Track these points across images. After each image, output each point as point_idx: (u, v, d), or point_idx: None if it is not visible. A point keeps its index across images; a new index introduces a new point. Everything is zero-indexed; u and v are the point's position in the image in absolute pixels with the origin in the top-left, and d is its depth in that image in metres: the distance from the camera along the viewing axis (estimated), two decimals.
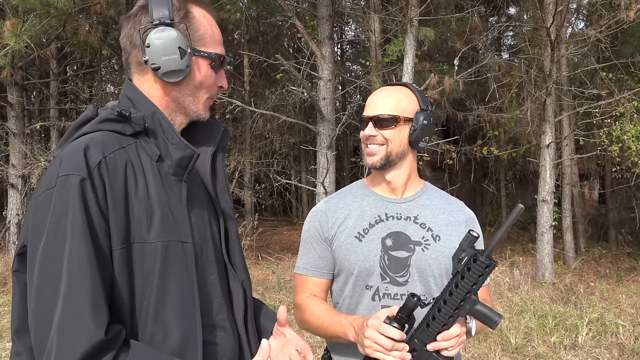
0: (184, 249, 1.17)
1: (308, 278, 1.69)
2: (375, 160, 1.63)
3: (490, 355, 4.82)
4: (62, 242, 1.04)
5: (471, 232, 1.34)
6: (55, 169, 1.10)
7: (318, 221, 1.69)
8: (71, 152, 1.11)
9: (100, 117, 1.20)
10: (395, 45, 8.23)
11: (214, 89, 1.30)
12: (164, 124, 1.21)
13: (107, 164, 1.11)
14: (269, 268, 8.80)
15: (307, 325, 1.66)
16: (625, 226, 12.87)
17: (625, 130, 8.60)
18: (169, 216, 1.16)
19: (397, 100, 1.63)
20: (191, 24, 1.23)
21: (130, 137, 1.19)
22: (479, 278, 1.31)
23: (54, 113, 12.13)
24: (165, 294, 1.13)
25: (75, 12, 8.73)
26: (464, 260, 1.33)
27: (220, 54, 1.28)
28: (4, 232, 10.08)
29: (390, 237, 1.60)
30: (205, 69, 1.26)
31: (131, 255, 1.11)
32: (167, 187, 1.19)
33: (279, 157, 13.79)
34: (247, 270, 1.38)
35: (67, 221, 1.04)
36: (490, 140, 10.79)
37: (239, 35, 13.56)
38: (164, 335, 1.13)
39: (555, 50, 8.20)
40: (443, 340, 1.36)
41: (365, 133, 1.63)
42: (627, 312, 6.17)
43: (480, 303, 1.35)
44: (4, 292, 7.30)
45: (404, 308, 1.37)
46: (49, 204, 1.06)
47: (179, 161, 1.20)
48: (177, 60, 1.19)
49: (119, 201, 1.10)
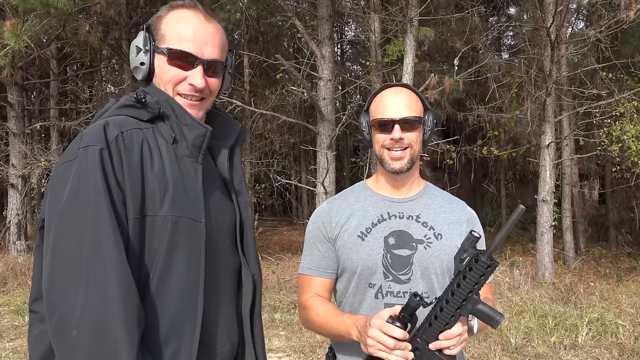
0: (196, 227, 1.19)
1: (312, 278, 1.69)
2: (403, 165, 1.61)
3: (490, 355, 4.82)
4: (83, 207, 1.08)
5: (473, 232, 1.35)
6: (77, 143, 1.15)
7: (321, 222, 1.69)
8: (91, 129, 1.18)
9: (119, 103, 1.27)
10: (395, 45, 8.23)
11: (179, 85, 1.28)
12: (176, 108, 1.27)
13: (124, 138, 1.16)
14: (269, 268, 8.80)
15: (312, 325, 1.67)
16: (625, 226, 12.88)
17: (625, 130, 8.61)
18: (182, 193, 1.19)
19: (414, 101, 1.62)
20: (158, 25, 1.29)
21: (147, 122, 1.24)
22: (481, 278, 1.31)
23: (54, 113, 12.14)
24: (170, 267, 1.16)
25: (75, 12, 8.73)
26: (466, 261, 1.33)
27: (176, 49, 1.26)
28: (4, 232, 10.08)
29: (392, 236, 1.61)
30: (162, 64, 1.29)
31: (144, 226, 1.14)
32: (182, 168, 1.23)
33: (279, 157, 13.81)
34: (259, 264, 1.39)
35: (90, 187, 1.09)
36: (490, 140, 10.80)
37: (239, 35, 13.56)
38: (163, 308, 1.15)
39: (555, 50, 8.20)
40: (445, 339, 1.37)
41: (393, 136, 1.58)
42: (627, 312, 6.17)
43: (482, 302, 1.35)
44: (4, 292, 7.31)
45: (407, 307, 1.37)
46: (68, 174, 1.11)
47: (193, 141, 1.24)
48: (133, 58, 1.30)
49: (135, 173, 1.15)
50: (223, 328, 1.27)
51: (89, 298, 1.03)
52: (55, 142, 12.03)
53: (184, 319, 1.17)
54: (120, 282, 1.05)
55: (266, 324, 5.82)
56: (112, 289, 1.04)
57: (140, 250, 1.14)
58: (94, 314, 1.03)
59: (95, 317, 1.03)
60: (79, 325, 1.02)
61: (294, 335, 5.44)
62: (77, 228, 1.07)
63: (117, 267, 1.06)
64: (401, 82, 1.82)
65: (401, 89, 1.65)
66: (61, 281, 1.05)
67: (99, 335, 1.03)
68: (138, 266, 1.13)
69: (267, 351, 5.00)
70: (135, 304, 1.07)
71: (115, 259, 1.06)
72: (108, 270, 1.05)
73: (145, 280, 1.14)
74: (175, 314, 1.16)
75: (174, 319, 1.16)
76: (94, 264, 1.05)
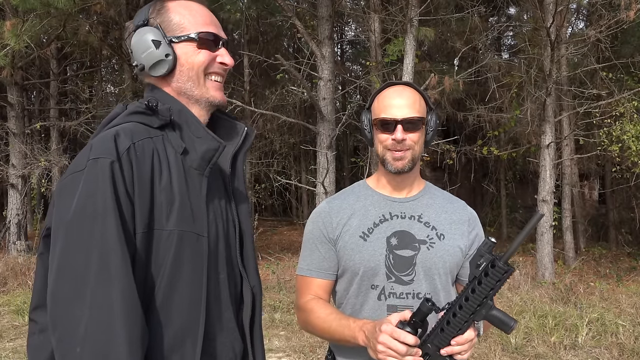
0: (199, 242, 1.19)
1: (312, 280, 1.66)
2: (404, 164, 1.59)
3: (490, 355, 4.82)
4: (91, 221, 1.06)
5: (490, 238, 1.33)
6: (86, 153, 1.14)
7: (322, 222, 1.66)
8: (101, 138, 1.15)
9: (129, 110, 1.25)
10: (395, 45, 8.23)
11: (212, 66, 1.31)
12: (189, 119, 1.26)
13: (135, 149, 1.15)
14: (269, 268, 8.80)
15: (312, 328, 1.64)
16: (625, 226, 12.88)
17: (625, 130, 8.61)
18: (188, 207, 1.19)
19: (418, 101, 1.60)
20: (164, 16, 1.28)
21: (157, 129, 1.23)
22: (497, 284, 1.29)
23: (54, 113, 12.14)
24: (175, 282, 1.16)
25: (75, 12, 8.73)
26: (482, 266, 1.31)
27: (205, 32, 1.29)
28: (4, 232, 10.08)
29: (395, 236, 1.59)
30: (192, 50, 1.28)
31: (152, 240, 1.14)
32: (189, 180, 1.22)
33: (279, 157, 13.80)
34: (258, 276, 1.38)
35: (98, 200, 1.07)
36: (490, 140, 10.80)
37: (239, 35, 13.56)
38: (166, 323, 1.15)
39: (555, 50, 8.20)
40: (457, 345, 1.36)
41: (395, 137, 1.56)
42: (627, 312, 6.17)
43: (495, 308, 1.34)
44: (4, 292, 7.30)
45: (418, 313, 1.36)
46: (76, 186, 1.10)
47: (203, 154, 1.23)
48: (153, 52, 1.25)
49: (145, 186, 1.14)
50: (225, 339, 1.27)
51: (94, 316, 1.03)
52: (55, 142, 12.02)
53: (187, 332, 1.17)
54: (126, 302, 1.05)
55: (266, 324, 5.82)
56: (117, 308, 1.04)
57: (147, 263, 1.14)
58: (99, 332, 1.03)
59: (100, 336, 1.03)
60: (83, 342, 1.02)
61: (294, 335, 5.44)
62: (85, 243, 1.06)
63: (123, 287, 1.05)
64: (401, 80, 1.76)
65: (405, 88, 1.62)
66: (66, 297, 1.05)
67: (102, 355, 1.03)
68: (144, 279, 1.13)
69: (267, 351, 5.01)
70: (140, 325, 1.07)
71: (122, 278, 1.05)
72: (114, 289, 1.04)
73: (150, 294, 1.14)
74: (178, 327, 1.16)
75: (178, 332, 1.16)
76: (100, 282, 1.04)
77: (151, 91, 1.31)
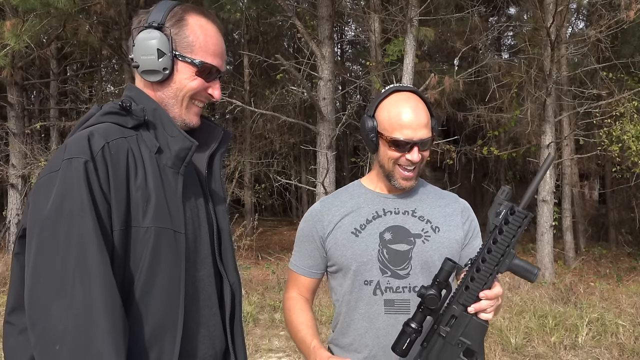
0: (176, 238, 1.20)
1: (298, 275, 1.74)
2: (412, 184, 1.62)
3: (490, 355, 4.82)
4: (68, 220, 1.07)
5: (506, 185, 1.34)
6: (60, 154, 1.15)
7: (312, 220, 1.70)
8: (76, 139, 1.17)
9: (104, 110, 1.26)
10: (395, 45, 8.23)
11: (200, 95, 1.33)
12: (164, 119, 1.27)
13: (109, 149, 1.16)
14: (269, 268, 8.80)
15: (288, 327, 1.74)
16: (625, 226, 12.87)
17: (625, 130, 8.61)
18: (164, 205, 1.20)
19: (427, 115, 1.59)
20: (180, 30, 1.28)
21: (131, 129, 1.24)
22: (518, 230, 1.29)
23: (54, 113, 12.13)
24: (153, 278, 1.17)
25: (75, 12, 8.72)
26: (502, 214, 1.30)
27: (208, 64, 1.30)
28: (4, 232, 10.08)
29: (389, 231, 1.61)
30: (189, 74, 1.29)
31: (129, 237, 1.15)
32: (164, 178, 1.23)
33: (279, 157, 13.79)
34: (237, 273, 1.40)
35: (74, 200, 1.08)
36: (490, 140, 10.79)
37: (239, 35, 13.56)
38: (146, 317, 1.16)
39: (555, 50, 8.20)
40: (486, 299, 1.34)
41: (411, 158, 1.55)
42: (627, 312, 6.17)
43: (517, 257, 1.33)
44: (4, 292, 7.30)
45: (441, 272, 1.34)
46: (52, 186, 1.10)
47: (177, 153, 1.24)
48: (154, 60, 1.26)
49: (120, 184, 1.15)
50: (205, 336, 1.28)
51: (74, 313, 1.03)
52: (55, 142, 12.02)
53: (166, 327, 1.18)
54: (106, 297, 1.06)
55: (266, 324, 5.82)
56: (98, 303, 1.04)
57: (125, 260, 1.15)
58: (79, 329, 1.03)
59: (80, 331, 1.03)
60: (62, 340, 1.02)
61: None
62: (62, 242, 1.06)
63: (103, 283, 1.06)
64: (406, 85, 1.73)
65: (413, 99, 1.59)
66: (45, 295, 1.05)
67: (83, 351, 1.03)
68: (122, 276, 1.14)
69: (267, 351, 5.02)
70: (121, 318, 1.08)
71: (101, 274, 1.06)
72: (94, 285, 1.05)
73: (129, 290, 1.15)
74: (157, 323, 1.17)
75: (156, 327, 1.17)
76: (79, 279, 1.05)
77: (129, 90, 1.32)
